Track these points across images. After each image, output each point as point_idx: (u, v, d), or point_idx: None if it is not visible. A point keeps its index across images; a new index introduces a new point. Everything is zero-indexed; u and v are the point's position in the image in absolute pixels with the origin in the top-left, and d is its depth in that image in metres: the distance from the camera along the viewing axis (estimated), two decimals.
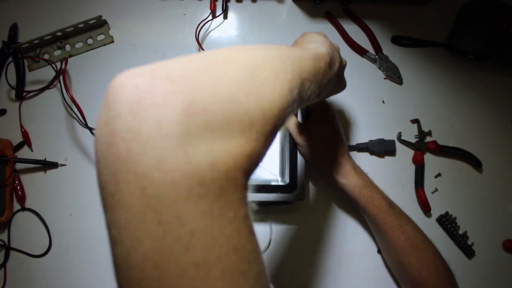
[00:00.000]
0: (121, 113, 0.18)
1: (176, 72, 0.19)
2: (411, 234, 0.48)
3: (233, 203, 0.18)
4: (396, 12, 0.62)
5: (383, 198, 0.50)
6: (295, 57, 0.26)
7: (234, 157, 0.19)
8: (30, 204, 0.58)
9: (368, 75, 0.61)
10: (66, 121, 0.60)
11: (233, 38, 0.62)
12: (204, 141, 0.18)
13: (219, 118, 0.18)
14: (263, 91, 0.21)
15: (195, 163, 0.17)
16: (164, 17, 0.61)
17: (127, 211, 0.17)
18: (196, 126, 0.18)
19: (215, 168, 0.18)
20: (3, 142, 0.57)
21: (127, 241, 0.17)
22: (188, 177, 0.17)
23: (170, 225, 0.17)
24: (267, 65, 0.23)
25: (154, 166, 0.17)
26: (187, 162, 0.17)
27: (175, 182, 0.17)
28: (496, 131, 0.60)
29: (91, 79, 0.60)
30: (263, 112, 0.20)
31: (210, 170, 0.17)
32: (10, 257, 0.57)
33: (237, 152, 0.19)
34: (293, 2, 0.62)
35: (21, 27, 0.61)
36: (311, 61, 0.28)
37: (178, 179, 0.17)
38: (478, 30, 0.56)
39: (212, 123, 0.18)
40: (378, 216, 0.49)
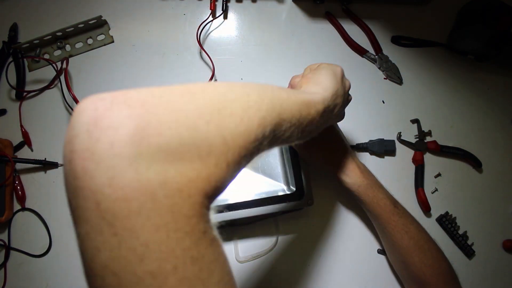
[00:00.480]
0: (79, 133, 0.19)
1: (134, 99, 0.21)
2: (415, 233, 0.48)
3: (189, 218, 0.20)
4: (396, 12, 0.62)
5: (387, 197, 0.50)
6: (278, 99, 0.28)
7: (188, 178, 0.20)
8: (30, 204, 0.58)
9: (368, 75, 0.61)
10: (66, 121, 0.60)
11: (233, 38, 0.62)
12: (157, 162, 0.19)
13: (175, 142, 0.20)
14: (227, 122, 0.23)
15: (146, 181, 0.19)
16: (164, 17, 0.61)
17: (86, 224, 0.19)
18: (148, 148, 0.19)
19: (167, 187, 0.19)
20: (3, 142, 0.57)
21: (89, 250, 0.19)
22: (140, 193, 0.18)
23: (124, 237, 0.18)
24: (239, 100, 0.25)
25: (107, 183, 0.18)
26: (138, 179, 0.19)
27: (127, 198, 0.18)
28: (496, 131, 0.60)
29: (91, 79, 0.60)
30: (225, 142, 0.22)
31: (161, 188, 0.19)
32: (10, 257, 0.57)
33: (192, 174, 0.20)
34: (293, 2, 0.62)
35: (21, 27, 0.61)
36: (297, 106, 0.30)
37: (129, 195, 0.18)
38: (478, 30, 0.56)
39: (166, 147, 0.20)
40: (382, 215, 0.49)
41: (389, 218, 0.49)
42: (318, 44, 0.61)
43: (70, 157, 0.19)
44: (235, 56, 0.61)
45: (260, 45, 0.61)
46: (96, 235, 0.18)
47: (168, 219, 0.19)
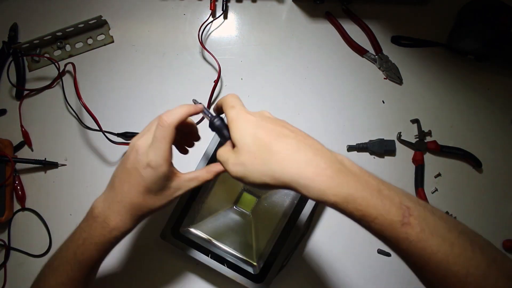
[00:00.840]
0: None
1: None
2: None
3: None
4: (396, 12, 0.62)
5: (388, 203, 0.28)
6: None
7: None
8: (30, 204, 0.58)
9: (368, 75, 0.61)
10: (66, 121, 0.60)
11: (233, 38, 0.62)
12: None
13: None
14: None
15: None
16: (164, 17, 0.61)
17: None
18: None
19: None
20: (3, 142, 0.57)
21: None
22: None
23: None
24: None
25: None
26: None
27: None
28: (496, 131, 0.60)
29: (91, 79, 0.60)
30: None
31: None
32: (10, 257, 0.57)
33: None
34: (293, 2, 0.62)
35: (21, 27, 0.61)
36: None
37: None
38: (478, 30, 0.56)
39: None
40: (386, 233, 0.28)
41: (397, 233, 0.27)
42: (318, 44, 0.61)
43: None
44: (235, 56, 0.61)
45: (260, 45, 0.61)
46: None
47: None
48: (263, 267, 0.49)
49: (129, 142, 0.43)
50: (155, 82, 0.60)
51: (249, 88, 0.60)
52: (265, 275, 0.49)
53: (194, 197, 0.51)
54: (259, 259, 0.51)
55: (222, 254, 0.50)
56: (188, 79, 0.60)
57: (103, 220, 0.38)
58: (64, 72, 0.60)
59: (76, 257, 0.39)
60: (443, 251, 0.26)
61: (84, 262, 0.39)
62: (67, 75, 0.60)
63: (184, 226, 0.51)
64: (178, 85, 0.60)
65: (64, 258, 0.40)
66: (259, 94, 0.60)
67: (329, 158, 0.30)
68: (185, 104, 0.38)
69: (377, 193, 0.28)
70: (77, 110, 0.59)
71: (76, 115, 0.58)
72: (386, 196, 0.28)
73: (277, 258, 0.49)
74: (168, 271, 0.57)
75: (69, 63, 0.59)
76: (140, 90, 0.60)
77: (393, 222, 0.27)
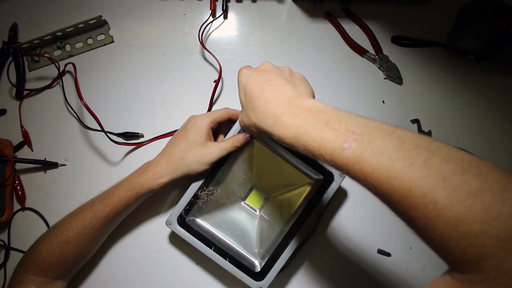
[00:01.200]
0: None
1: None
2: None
3: None
4: (396, 12, 0.62)
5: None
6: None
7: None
8: (30, 204, 0.58)
9: (368, 75, 0.61)
10: (66, 121, 0.60)
11: (233, 38, 0.62)
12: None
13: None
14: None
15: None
16: (164, 17, 0.61)
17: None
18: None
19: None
20: (3, 142, 0.57)
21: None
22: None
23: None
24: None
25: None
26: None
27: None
28: (496, 131, 0.60)
29: (91, 79, 0.60)
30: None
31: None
32: (10, 257, 0.57)
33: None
34: (293, 2, 0.62)
35: (21, 27, 0.61)
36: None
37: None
38: (478, 30, 0.56)
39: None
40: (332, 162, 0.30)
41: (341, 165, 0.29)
42: (318, 44, 0.61)
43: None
44: (235, 56, 0.61)
45: (260, 45, 0.61)
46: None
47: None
48: (264, 266, 0.50)
49: (130, 142, 0.59)
50: (155, 82, 0.60)
51: None
52: (265, 274, 0.49)
53: (203, 186, 0.51)
54: (261, 258, 0.51)
55: (225, 248, 0.51)
56: (188, 79, 0.60)
57: (154, 171, 0.49)
58: (64, 72, 0.60)
59: (120, 195, 0.49)
60: (383, 167, 0.26)
61: (125, 199, 0.49)
62: (67, 75, 0.60)
63: (190, 216, 0.51)
64: (178, 85, 0.60)
65: (105, 195, 0.50)
66: None
67: (288, 107, 0.34)
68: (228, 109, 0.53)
69: (322, 127, 0.30)
70: (77, 110, 0.59)
71: (76, 115, 0.58)
72: (332, 128, 0.30)
73: (279, 259, 0.49)
74: (169, 260, 0.57)
75: (69, 63, 0.59)
76: (140, 90, 0.60)
77: (334, 150, 0.29)
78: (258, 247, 0.52)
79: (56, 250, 0.48)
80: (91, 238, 0.50)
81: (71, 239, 0.48)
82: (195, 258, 0.57)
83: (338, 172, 0.50)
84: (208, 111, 0.59)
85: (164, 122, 0.59)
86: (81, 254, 0.51)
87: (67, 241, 0.48)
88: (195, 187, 0.51)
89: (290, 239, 0.50)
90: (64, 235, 0.48)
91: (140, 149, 0.59)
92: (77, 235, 0.48)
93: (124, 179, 0.51)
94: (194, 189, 0.51)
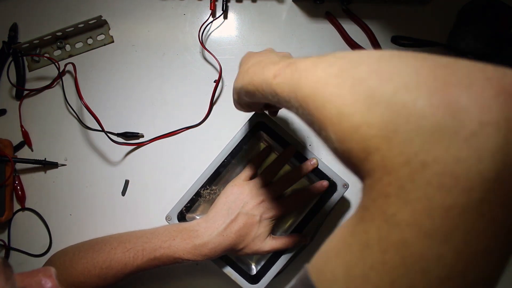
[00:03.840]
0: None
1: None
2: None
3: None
4: (396, 12, 0.62)
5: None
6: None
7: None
8: (30, 204, 0.58)
9: None
10: (66, 121, 0.60)
11: (233, 38, 0.62)
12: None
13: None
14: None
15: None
16: (164, 17, 0.61)
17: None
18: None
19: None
20: (3, 142, 0.57)
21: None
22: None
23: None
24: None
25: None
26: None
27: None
28: None
29: (91, 79, 0.60)
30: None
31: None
32: (10, 257, 0.57)
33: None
34: (293, 2, 0.62)
35: (21, 27, 0.61)
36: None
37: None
38: (478, 30, 0.56)
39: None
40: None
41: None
42: (318, 44, 0.61)
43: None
44: (235, 56, 0.61)
45: (260, 45, 0.61)
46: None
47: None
48: (260, 270, 0.49)
49: (130, 142, 0.56)
50: (155, 82, 0.60)
51: None
52: (261, 277, 0.49)
53: (206, 185, 0.51)
54: (257, 261, 0.51)
55: None
56: (188, 79, 0.60)
57: (210, 253, 0.45)
58: (64, 72, 0.60)
59: (155, 252, 0.45)
60: (309, 86, 0.23)
61: (155, 261, 0.45)
62: (67, 75, 0.60)
63: (191, 213, 0.51)
64: (178, 85, 0.60)
65: (140, 243, 0.46)
66: None
67: (250, 68, 0.34)
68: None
69: (262, 69, 0.31)
70: (77, 110, 0.59)
71: (76, 115, 0.58)
72: (272, 64, 0.30)
73: (276, 263, 0.49)
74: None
75: (69, 63, 0.59)
76: (140, 90, 0.60)
77: (267, 79, 0.29)
78: None
79: (93, 282, 0.46)
80: (126, 279, 0.47)
81: (109, 277, 0.45)
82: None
83: (341, 182, 0.49)
84: (208, 111, 0.59)
85: (164, 122, 0.59)
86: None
87: (105, 277, 0.45)
88: (198, 185, 0.51)
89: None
90: (103, 270, 0.45)
91: (140, 149, 0.59)
92: (114, 275, 0.45)
93: (171, 237, 0.46)
94: (196, 186, 0.51)
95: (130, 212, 0.58)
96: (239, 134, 0.51)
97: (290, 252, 0.49)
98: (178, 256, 0.45)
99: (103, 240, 0.48)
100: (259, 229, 0.46)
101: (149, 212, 0.58)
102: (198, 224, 0.47)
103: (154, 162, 0.59)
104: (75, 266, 0.46)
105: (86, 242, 0.49)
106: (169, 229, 0.47)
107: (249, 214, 0.46)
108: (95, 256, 0.46)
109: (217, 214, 0.47)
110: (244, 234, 0.46)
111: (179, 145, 0.59)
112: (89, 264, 0.45)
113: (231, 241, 0.45)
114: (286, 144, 0.52)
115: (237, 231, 0.45)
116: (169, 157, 0.59)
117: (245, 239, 0.46)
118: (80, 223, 0.57)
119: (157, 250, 0.45)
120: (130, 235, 0.48)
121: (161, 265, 0.46)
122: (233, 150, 0.51)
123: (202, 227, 0.46)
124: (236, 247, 0.46)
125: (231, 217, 0.46)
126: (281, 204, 0.47)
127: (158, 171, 0.59)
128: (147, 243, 0.46)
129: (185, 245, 0.45)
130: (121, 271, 0.45)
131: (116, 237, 0.48)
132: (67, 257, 0.47)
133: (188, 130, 0.59)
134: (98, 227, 0.57)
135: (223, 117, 0.60)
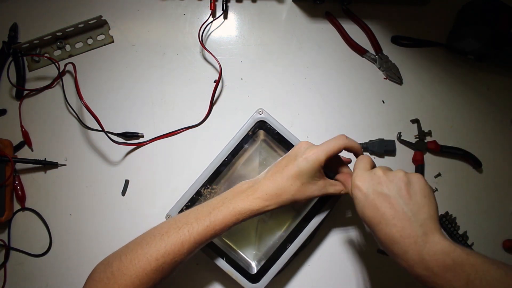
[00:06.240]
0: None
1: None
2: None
3: None
4: (396, 12, 0.62)
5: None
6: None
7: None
8: (30, 204, 0.58)
9: (368, 75, 0.61)
10: (66, 121, 0.60)
11: (233, 38, 0.62)
12: None
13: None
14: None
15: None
16: (164, 17, 0.62)
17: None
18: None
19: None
20: (3, 142, 0.57)
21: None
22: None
23: None
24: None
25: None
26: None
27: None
28: (496, 131, 0.60)
29: (91, 79, 0.60)
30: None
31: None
32: (10, 257, 0.57)
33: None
34: (293, 2, 0.62)
35: (21, 27, 0.61)
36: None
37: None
38: (478, 30, 0.56)
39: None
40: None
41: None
42: (318, 44, 0.61)
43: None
44: (235, 56, 0.61)
45: (260, 45, 0.61)
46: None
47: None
48: (260, 269, 0.49)
49: (130, 142, 0.58)
50: (155, 82, 0.60)
51: (249, 88, 0.60)
52: (261, 276, 0.49)
53: (207, 184, 0.51)
54: (258, 260, 0.51)
55: (223, 247, 0.50)
56: (188, 79, 0.60)
57: (262, 198, 0.44)
58: (64, 72, 0.60)
59: (225, 220, 0.43)
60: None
61: (229, 224, 0.43)
62: (67, 75, 0.60)
63: None
64: (178, 85, 0.60)
65: (204, 214, 0.43)
66: (259, 94, 0.60)
67: (419, 254, 0.36)
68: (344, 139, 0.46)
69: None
70: (77, 110, 0.59)
71: (76, 115, 0.58)
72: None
73: (276, 263, 0.49)
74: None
75: (69, 63, 0.59)
76: (140, 90, 0.60)
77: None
78: (256, 250, 0.52)
79: (150, 280, 0.41)
80: (183, 263, 0.44)
81: (166, 267, 0.42)
82: (194, 257, 0.57)
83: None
84: (208, 111, 0.59)
85: (164, 122, 0.59)
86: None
87: (162, 269, 0.41)
88: (198, 184, 0.51)
89: (289, 243, 0.50)
90: (159, 261, 0.41)
91: (140, 149, 0.59)
92: (172, 261, 0.42)
93: (222, 198, 0.45)
94: (197, 185, 0.51)
95: (130, 212, 0.58)
96: (239, 133, 0.52)
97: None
98: (237, 210, 0.43)
99: (147, 234, 0.44)
100: (302, 165, 0.44)
101: (149, 212, 0.58)
102: (245, 182, 0.46)
103: (154, 162, 0.59)
104: (126, 272, 0.41)
105: (127, 245, 0.44)
106: (218, 196, 0.46)
107: (292, 155, 0.46)
108: (146, 250, 0.42)
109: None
110: (288, 171, 0.44)
111: (179, 145, 0.59)
112: (142, 262, 0.41)
113: (277, 181, 0.44)
114: (286, 143, 0.52)
115: (279, 171, 0.45)
116: (169, 157, 0.59)
117: (290, 180, 0.44)
118: (80, 223, 0.57)
119: (211, 213, 0.43)
120: (175, 218, 0.45)
121: (218, 232, 0.43)
122: (233, 149, 0.51)
123: (256, 186, 0.45)
124: (287, 191, 0.44)
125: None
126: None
127: (158, 171, 0.59)
128: (199, 213, 0.43)
129: (242, 199, 0.44)
130: (178, 253, 0.42)
131: (160, 225, 0.45)
132: (114, 266, 0.42)
133: (188, 130, 0.59)
134: (98, 227, 0.57)
135: (223, 117, 0.60)
